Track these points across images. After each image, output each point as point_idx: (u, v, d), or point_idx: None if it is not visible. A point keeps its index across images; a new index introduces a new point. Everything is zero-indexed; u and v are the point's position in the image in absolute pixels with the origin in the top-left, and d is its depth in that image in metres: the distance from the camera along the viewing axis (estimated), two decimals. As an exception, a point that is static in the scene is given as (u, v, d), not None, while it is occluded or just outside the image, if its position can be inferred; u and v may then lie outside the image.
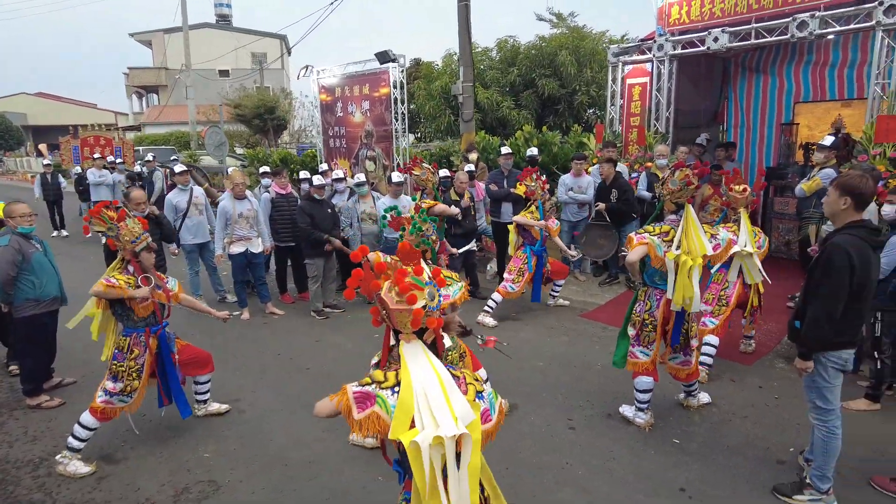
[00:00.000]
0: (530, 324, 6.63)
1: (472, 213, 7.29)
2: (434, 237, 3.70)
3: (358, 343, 6.06)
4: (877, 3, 5.72)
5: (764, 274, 4.90)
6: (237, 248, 6.85)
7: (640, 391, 4.23)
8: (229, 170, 7.45)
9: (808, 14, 6.21)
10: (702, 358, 4.89)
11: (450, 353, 3.57)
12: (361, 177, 7.70)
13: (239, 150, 22.94)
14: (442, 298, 2.15)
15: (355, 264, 2.12)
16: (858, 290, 2.99)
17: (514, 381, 5.04)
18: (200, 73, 28.59)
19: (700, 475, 3.67)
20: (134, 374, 3.95)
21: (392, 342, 2.17)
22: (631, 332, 4.24)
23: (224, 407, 4.69)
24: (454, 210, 6.26)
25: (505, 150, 8.03)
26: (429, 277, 2.09)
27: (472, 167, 7.89)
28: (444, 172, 7.91)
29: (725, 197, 5.08)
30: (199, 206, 7.38)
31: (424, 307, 2.01)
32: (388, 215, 4.08)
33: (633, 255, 3.93)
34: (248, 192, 7.03)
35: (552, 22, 17.36)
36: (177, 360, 4.17)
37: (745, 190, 4.93)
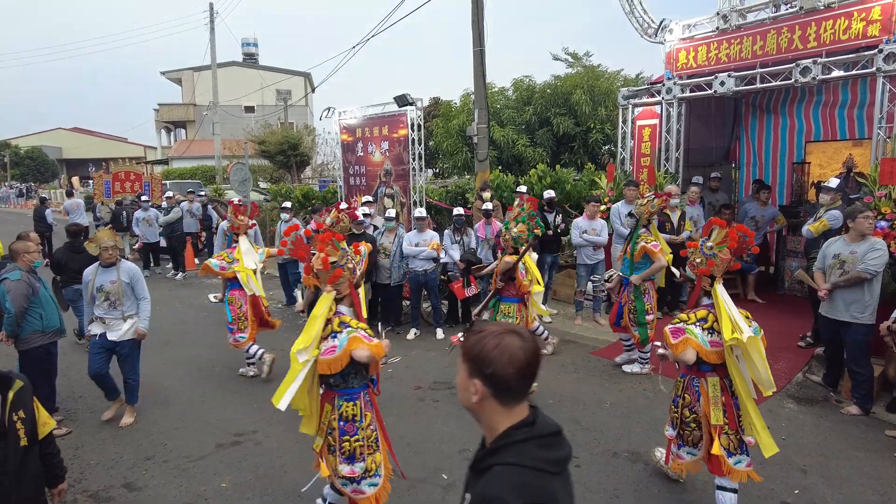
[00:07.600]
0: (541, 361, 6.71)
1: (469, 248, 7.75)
2: None
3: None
4: (877, 50, 5.90)
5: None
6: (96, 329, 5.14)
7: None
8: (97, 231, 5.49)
9: (810, 60, 6.41)
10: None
11: None
12: (393, 212, 8.08)
13: (262, 185, 23.63)
14: None
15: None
16: None
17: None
18: (227, 110, 29.65)
19: (703, 515, 3.73)
20: (374, 446, 3.12)
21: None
22: (669, 432, 3.84)
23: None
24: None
25: (521, 188, 8.28)
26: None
27: (489, 205, 8.13)
28: (458, 210, 8.21)
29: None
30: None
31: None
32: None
33: (688, 355, 3.40)
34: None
35: (567, 62, 17.83)
36: None
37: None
